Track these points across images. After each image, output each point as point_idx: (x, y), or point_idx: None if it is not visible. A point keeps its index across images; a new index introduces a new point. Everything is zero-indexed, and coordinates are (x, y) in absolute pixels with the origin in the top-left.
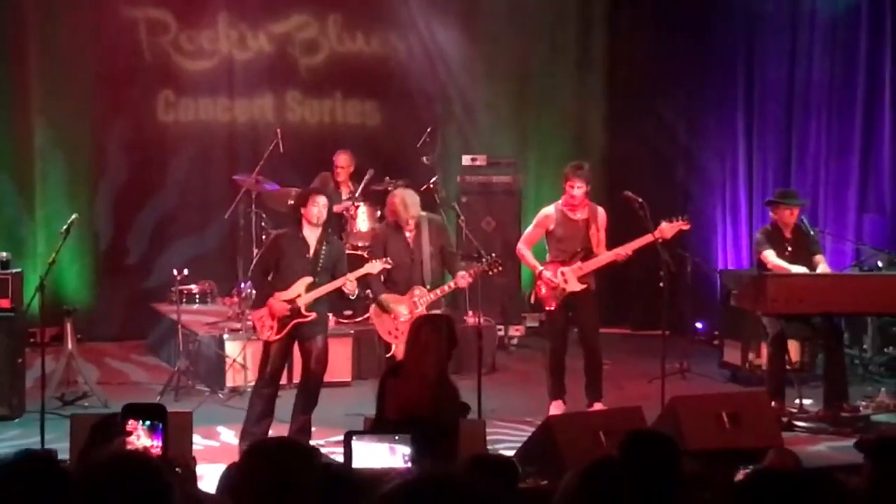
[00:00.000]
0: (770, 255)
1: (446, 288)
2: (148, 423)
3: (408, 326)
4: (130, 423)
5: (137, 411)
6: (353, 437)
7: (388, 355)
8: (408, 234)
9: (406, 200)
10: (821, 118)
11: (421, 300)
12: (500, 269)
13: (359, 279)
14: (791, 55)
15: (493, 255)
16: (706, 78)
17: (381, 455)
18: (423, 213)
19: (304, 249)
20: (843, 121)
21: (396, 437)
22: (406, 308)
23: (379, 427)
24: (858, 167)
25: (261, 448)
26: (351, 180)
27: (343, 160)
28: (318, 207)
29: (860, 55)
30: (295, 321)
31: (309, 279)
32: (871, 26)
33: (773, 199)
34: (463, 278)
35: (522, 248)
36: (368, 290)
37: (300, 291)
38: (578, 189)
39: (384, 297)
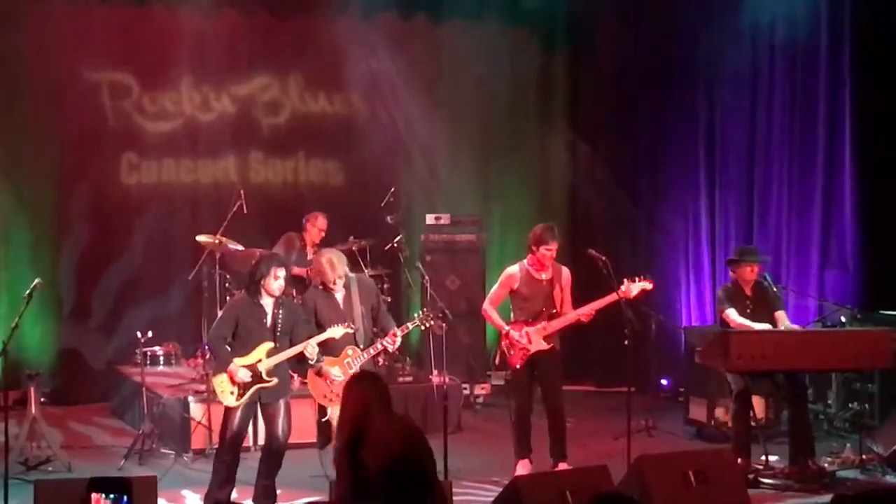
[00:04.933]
0: (732, 314)
1: (379, 346)
2: (112, 496)
3: (342, 388)
4: (95, 497)
5: (102, 485)
6: None
7: (323, 419)
8: (337, 295)
9: (333, 260)
10: (782, 175)
11: (354, 361)
12: (433, 323)
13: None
14: (752, 113)
15: (426, 309)
16: (668, 136)
17: None
18: (352, 275)
19: (262, 315)
20: (805, 178)
21: None
22: (340, 370)
23: (362, 485)
24: (820, 224)
25: None
26: (319, 245)
27: (324, 223)
28: (280, 281)
29: (820, 112)
30: (256, 386)
31: (270, 344)
32: (831, 84)
33: (732, 257)
34: (394, 335)
35: (488, 307)
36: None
37: (261, 357)
38: (552, 251)
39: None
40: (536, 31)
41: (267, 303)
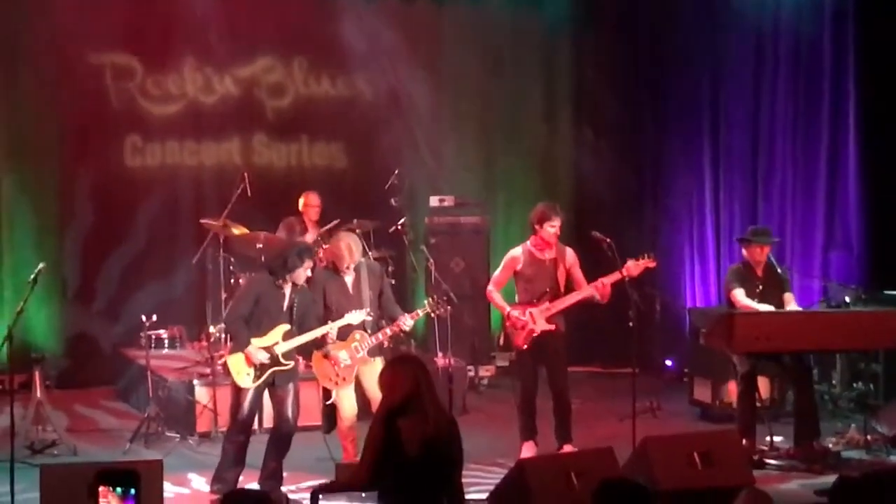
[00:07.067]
0: (739, 295)
1: (388, 331)
2: (119, 489)
3: (349, 372)
4: (102, 490)
5: (110, 478)
6: (321, 496)
7: (327, 402)
8: (347, 278)
9: (351, 245)
10: (786, 156)
11: (362, 345)
12: (444, 310)
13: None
14: (755, 94)
15: (435, 296)
16: (672, 117)
17: None
18: (362, 259)
19: (281, 298)
20: (809, 159)
21: (364, 496)
22: (347, 353)
23: (402, 470)
24: (824, 204)
25: (234, 499)
26: (318, 222)
27: (316, 199)
28: (308, 271)
29: (824, 93)
30: (273, 369)
31: (286, 326)
32: (834, 65)
33: (745, 236)
34: (403, 321)
35: (492, 290)
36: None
37: (277, 339)
38: (555, 228)
39: None
40: (539, 11)
41: (287, 288)
